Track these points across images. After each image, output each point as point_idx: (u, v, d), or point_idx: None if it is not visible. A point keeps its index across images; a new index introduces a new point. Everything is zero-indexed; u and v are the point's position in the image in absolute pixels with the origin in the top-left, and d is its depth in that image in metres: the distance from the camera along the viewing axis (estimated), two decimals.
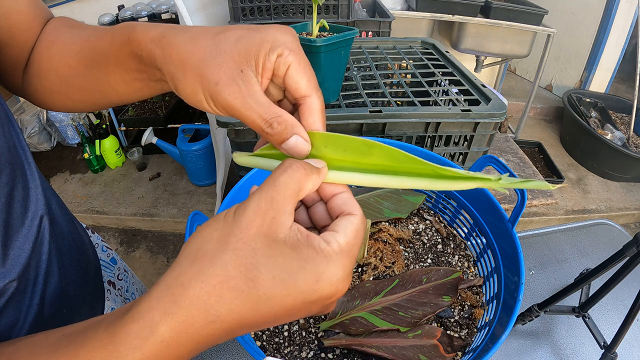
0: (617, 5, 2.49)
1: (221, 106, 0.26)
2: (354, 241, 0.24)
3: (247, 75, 0.26)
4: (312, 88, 0.27)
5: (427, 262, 0.54)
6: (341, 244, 0.23)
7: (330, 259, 0.22)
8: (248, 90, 0.26)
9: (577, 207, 2.21)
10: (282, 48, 0.26)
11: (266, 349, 0.44)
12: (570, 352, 0.66)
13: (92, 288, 0.46)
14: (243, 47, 0.26)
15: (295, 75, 0.27)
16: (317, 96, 0.28)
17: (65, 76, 0.36)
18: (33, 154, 1.72)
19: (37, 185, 0.36)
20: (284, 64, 0.27)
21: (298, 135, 0.26)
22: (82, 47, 0.35)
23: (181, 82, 0.27)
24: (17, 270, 0.32)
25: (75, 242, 0.44)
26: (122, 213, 2.14)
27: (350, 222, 0.24)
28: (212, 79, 0.26)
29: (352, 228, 0.24)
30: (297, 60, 0.27)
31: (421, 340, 0.43)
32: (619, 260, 0.55)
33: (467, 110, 0.68)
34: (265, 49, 0.26)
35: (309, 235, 0.23)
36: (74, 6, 2.40)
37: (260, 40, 0.26)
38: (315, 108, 0.28)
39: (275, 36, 0.27)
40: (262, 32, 0.27)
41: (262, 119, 0.26)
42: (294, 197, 0.24)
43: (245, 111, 0.26)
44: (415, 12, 2.06)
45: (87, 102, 0.38)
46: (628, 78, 2.92)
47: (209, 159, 2.08)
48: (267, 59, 0.26)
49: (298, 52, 0.27)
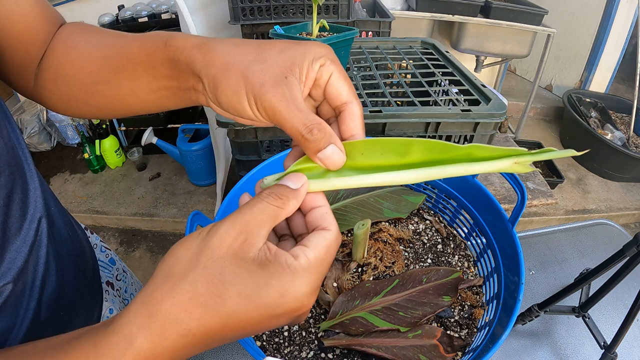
0: (617, 5, 2.49)
1: (264, 108, 0.26)
2: (324, 256, 0.25)
3: (291, 82, 0.27)
4: (353, 95, 0.29)
5: (427, 262, 0.54)
6: (309, 259, 0.24)
7: (296, 275, 0.23)
8: (292, 96, 0.26)
9: (577, 207, 2.21)
10: (324, 59, 0.28)
11: (266, 349, 0.44)
12: (570, 352, 0.66)
13: (90, 289, 0.46)
14: (287, 56, 0.27)
15: (337, 82, 0.28)
16: (357, 103, 0.29)
17: (86, 82, 0.36)
18: (33, 154, 1.73)
19: (36, 187, 0.36)
20: (327, 72, 0.28)
21: (335, 145, 0.27)
22: (106, 52, 0.35)
23: (222, 84, 0.27)
24: (13, 273, 0.32)
25: (74, 244, 0.44)
26: (122, 213, 2.14)
27: (323, 238, 0.25)
28: (257, 81, 0.26)
29: (324, 244, 0.25)
30: (338, 69, 0.28)
31: (421, 340, 0.43)
32: (619, 260, 0.55)
33: (467, 110, 0.68)
34: (308, 59, 0.27)
35: (277, 252, 0.24)
36: (74, 6, 2.40)
37: (303, 52, 0.27)
38: (356, 114, 0.28)
39: (316, 49, 0.28)
40: (304, 45, 0.28)
41: (303, 125, 0.26)
42: (268, 222, 0.24)
43: (288, 115, 0.26)
44: (415, 12, 2.06)
45: (105, 109, 0.38)
46: (628, 78, 2.92)
47: (209, 159, 2.08)
48: (311, 68, 0.27)
49: (338, 63, 0.28)
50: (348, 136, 0.29)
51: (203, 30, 1.26)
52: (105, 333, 0.22)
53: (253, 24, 1.21)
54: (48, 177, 2.42)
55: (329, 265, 0.25)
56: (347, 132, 0.29)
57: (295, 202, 0.26)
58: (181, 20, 1.18)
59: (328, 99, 0.29)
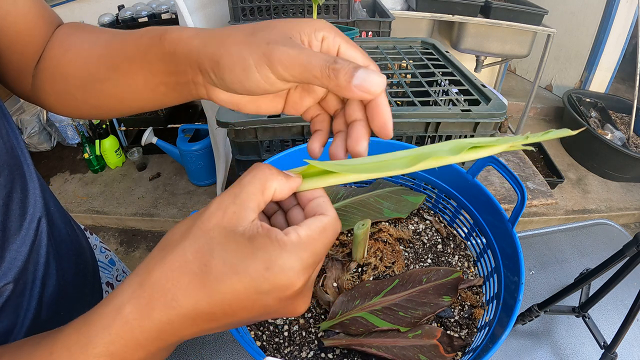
0: (617, 5, 2.49)
1: (279, 60, 0.24)
2: (318, 237, 0.24)
3: (297, 41, 0.26)
4: (368, 60, 0.27)
5: (427, 262, 0.54)
6: (301, 236, 0.23)
7: (284, 248, 0.22)
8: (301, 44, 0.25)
9: (577, 207, 2.21)
10: (327, 30, 0.27)
11: (266, 349, 0.44)
12: (570, 352, 0.66)
13: (90, 290, 0.46)
14: (286, 25, 0.27)
15: (349, 52, 0.27)
16: (374, 66, 0.27)
17: (83, 81, 0.36)
18: (33, 154, 1.73)
19: (36, 187, 0.36)
20: (334, 45, 0.27)
21: (365, 69, 0.24)
22: (103, 51, 0.35)
23: (224, 58, 0.26)
24: (14, 273, 0.32)
25: (73, 244, 0.44)
26: (122, 213, 2.14)
27: (318, 220, 0.25)
28: (262, 41, 0.25)
29: (318, 224, 0.24)
30: (344, 40, 0.27)
31: (421, 340, 0.43)
32: (619, 260, 0.55)
33: (467, 110, 0.68)
34: (309, 28, 0.27)
35: (269, 228, 0.23)
36: (74, 6, 2.40)
37: (303, 24, 0.27)
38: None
39: (317, 23, 0.27)
40: (303, 19, 0.27)
41: (325, 59, 0.24)
42: (257, 194, 0.24)
43: (306, 57, 0.24)
44: (415, 12, 2.06)
45: (104, 109, 0.38)
46: (628, 78, 2.92)
47: (209, 159, 2.08)
48: (314, 37, 0.27)
49: (343, 35, 0.27)
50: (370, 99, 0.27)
51: None
52: (99, 305, 0.23)
53: None
54: (48, 177, 2.42)
55: (324, 247, 0.24)
56: None
57: (283, 179, 0.25)
58: (181, 21, 1.18)
59: None
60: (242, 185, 0.24)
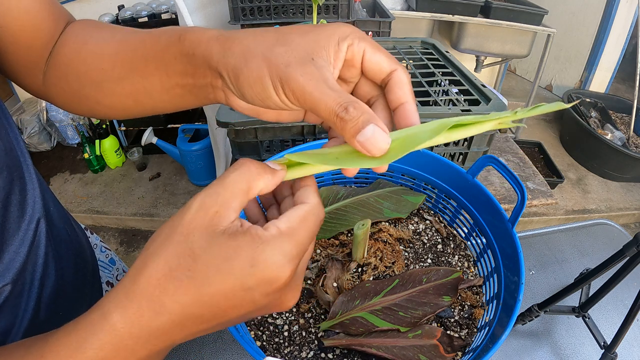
0: (617, 5, 2.49)
1: (292, 91, 0.24)
2: (298, 226, 0.24)
3: (319, 63, 0.25)
4: (395, 63, 0.27)
5: (427, 262, 0.54)
6: (281, 229, 0.23)
7: (266, 243, 0.22)
8: (321, 75, 0.24)
9: (577, 207, 2.21)
10: (351, 38, 0.26)
11: (266, 349, 0.44)
12: (570, 352, 0.66)
13: (90, 289, 0.46)
14: (311, 38, 0.26)
15: (374, 56, 0.27)
16: (402, 69, 0.27)
17: (97, 80, 0.35)
18: (33, 154, 1.73)
19: (35, 188, 0.36)
20: (358, 51, 0.26)
21: (375, 125, 0.23)
22: (118, 49, 0.34)
23: (244, 71, 0.25)
24: (12, 274, 0.32)
25: (73, 244, 0.43)
26: (122, 213, 2.14)
27: (298, 209, 0.24)
28: (281, 62, 0.25)
29: (298, 213, 0.24)
30: (369, 44, 0.27)
31: (421, 340, 0.43)
32: (619, 260, 0.55)
33: (467, 110, 0.68)
34: (334, 40, 0.26)
35: (250, 226, 0.23)
36: (74, 6, 2.40)
37: (328, 34, 0.26)
38: (404, 80, 0.27)
39: (341, 29, 0.26)
40: (327, 27, 0.27)
41: (337, 103, 0.24)
42: (240, 194, 0.24)
43: (320, 94, 0.24)
44: (415, 12, 2.06)
45: (117, 109, 0.37)
46: (628, 78, 2.92)
47: (209, 159, 2.08)
48: (339, 48, 0.26)
49: (367, 38, 0.27)
50: (397, 105, 0.27)
51: None
52: (87, 312, 0.23)
53: (253, 24, 1.21)
54: (48, 177, 2.42)
55: (307, 236, 0.24)
56: (396, 101, 0.27)
57: (270, 177, 0.25)
58: (180, 21, 1.18)
59: (370, 75, 0.28)
60: (225, 184, 0.23)
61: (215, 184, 0.24)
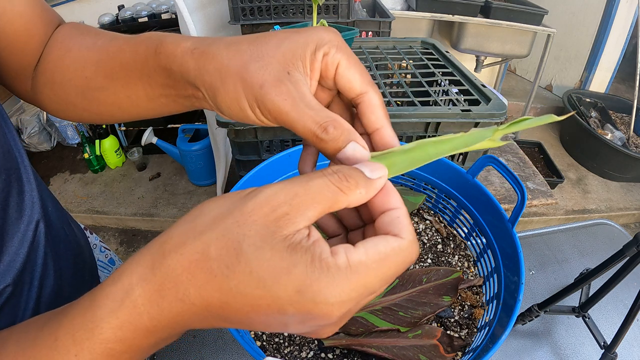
0: (617, 5, 2.49)
1: (268, 111, 0.23)
2: (375, 266, 0.19)
3: (295, 77, 0.24)
4: (368, 83, 0.25)
5: (427, 262, 0.54)
6: (351, 261, 0.19)
7: (327, 273, 0.18)
8: (298, 92, 0.23)
9: (577, 207, 2.21)
10: (328, 46, 0.24)
11: (266, 349, 0.44)
12: (570, 352, 0.66)
13: (88, 289, 0.46)
14: (287, 48, 0.24)
15: (347, 72, 0.25)
16: (374, 91, 0.25)
17: (81, 88, 0.34)
18: (33, 154, 1.73)
19: (33, 189, 0.36)
20: (332, 63, 0.24)
21: (356, 142, 0.23)
22: (100, 57, 0.33)
23: (220, 91, 0.25)
24: (12, 275, 0.32)
25: (72, 244, 0.43)
26: (122, 213, 2.14)
27: (384, 242, 0.20)
28: (256, 82, 0.23)
29: (380, 250, 0.19)
30: (345, 57, 0.25)
31: (421, 340, 0.43)
32: (619, 260, 0.55)
33: (467, 110, 0.68)
34: (310, 48, 0.24)
35: (317, 242, 0.19)
36: (74, 6, 2.40)
37: (304, 41, 0.24)
38: (375, 104, 0.25)
39: (318, 35, 0.25)
40: (304, 33, 0.25)
41: (315, 123, 0.22)
42: (322, 204, 0.20)
43: (296, 114, 0.23)
44: (415, 12, 2.06)
45: (104, 115, 0.36)
46: (628, 78, 2.92)
47: (209, 159, 2.08)
48: (315, 57, 0.24)
49: (345, 49, 0.25)
50: (373, 130, 0.25)
51: (202, 30, 1.26)
52: (105, 284, 0.20)
53: (253, 24, 1.21)
54: (48, 177, 2.42)
55: (381, 280, 0.19)
56: (370, 127, 0.25)
57: (365, 192, 0.21)
58: (181, 20, 1.18)
59: (341, 91, 0.26)
60: (308, 187, 0.20)
61: (296, 181, 0.20)
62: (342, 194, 0.20)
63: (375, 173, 0.22)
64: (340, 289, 0.18)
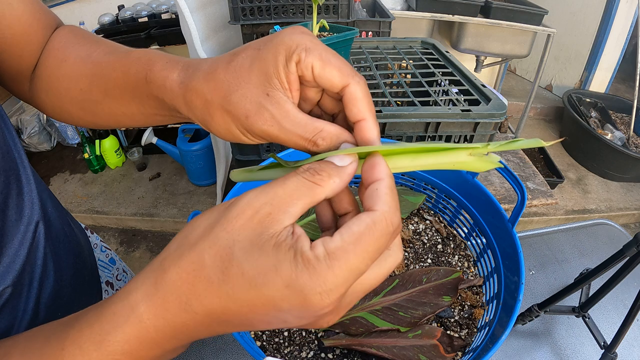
0: (617, 5, 2.49)
1: (259, 136, 0.25)
2: (352, 247, 0.20)
3: (274, 97, 0.24)
4: (347, 75, 0.24)
5: (427, 262, 0.54)
6: (329, 250, 0.19)
7: (308, 265, 0.19)
8: (281, 113, 0.24)
9: (577, 207, 2.21)
10: (298, 52, 0.24)
11: (266, 349, 0.44)
12: (570, 352, 0.66)
13: (88, 289, 0.46)
14: (259, 69, 0.24)
15: (323, 73, 0.24)
16: (355, 82, 0.24)
17: (77, 99, 0.35)
18: (33, 154, 1.72)
19: (32, 190, 0.36)
20: (306, 68, 0.24)
21: (346, 142, 0.24)
22: (94, 71, 0.34)
23: (212, 123, 0.26)
24: (12, 277, 0.32)
25: (71, 244, 0.43)
26: (122, 213, 2.14)
27: (357, 223, 0.20)
28: (240, 114, 0.24)
29: (354, 230, 0.20)
30: (317, 57, 0.24)
31: (421, 340, 0.43)
32: (619, 260, 0.55)
33: (467, 110, 0.68)
34: (281, 62, 0.24)
35: (299, 237, 0.20)
36: (74, 6, 2.40)
37: (273, 56, 0.24)
38: (357, 96, 0.24)
39: (285, 43, 0.24)
40: (270, 46, 0.24)
41: (304, 140, 0.24)
42: (302, 199, 0.21)
43: (285, 135, 0.24)
44: (415, 12, 2.06)
45: (100, 124, 0.38)
46: (628, 78, 2.92)
47: (209, 159, 2.08)
48: (288, 71, 0.24)
49: (315, 48, 0.24)
50: (355, 121, 0.25)
51: (203, 30, 1.26)
52: (111, 300, 0.22)
53: (253, 24, 1.21)
54: (48, 177, 2.42)
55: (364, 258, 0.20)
56: (353, 118, 0.25)
57: (339, 180, 0.22)
58: (181, 20, 1.18)
59: (325, 90, 0.26)
60: (285, 186, 0.21)
61: (274, 183, 0.22)
62: (318, 187, 0.21)
63: (345, 160, 0.23)
64: (323, 277, 0.19)
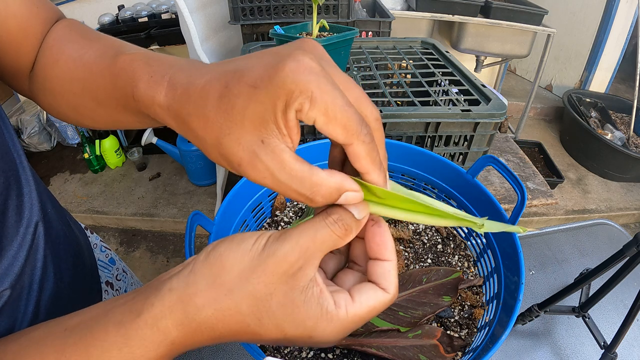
0: (617, 5, 2.49)
1: (255, 181, 0.24)
2: (365, 315, 0.24)
3: (270, 145, 0.22)
4: (352, 135, 0.22)
5: (427, 262, 0.54)
6: (349, 313, 0.24)
7: (330, 321, 0.23)
8: (275, 165, 0.22)
9: (577, 207, 2.21)
10: (300, 102, 0.21)
11: (266, 349, 0.44)
12: (570, 352, 0.66)
13: (88, 290, 0.46)
14: (254, 112, 0.21)
15: (326, 129, 0.22)
16: (360, 141, 0.22)
17: (72, 103, 0.35)
18: (33, 154, 1.72)
19: (32, 190, 0.36)
20: (308, 120, 0.21)
21: (346, 192, 0.23)
22: (85, 75, 0.32)
23: (211, 157, 0.25)
24: (11, 279, 0.32)
25: (71, 245, 0.43)
26: (122, 213, 2.14)
27: (375, 298, 0.25)
28: (234, 161, 0.23)
29: (371, 304, 0.24)
30: (323, 112, 0.21)
31: (421, 340, 0.43)
32: (619, 260, 0.55)
33: (467, 110, 0.68)
34: (280, 108, 0.21)
35: (321, 293, 0.24)
36: (74, 6, 2.40)
37: (270, 100, 0.21)
38: (360, 155, 0.23)
39: (287, 88, 0.21)
40: (270, 87, 0.21)
41: (301, 196, 0.23)
42: (325, 251, 0.24)
43: (279, 189, 0.23)
44: (415, 12, 2.06)
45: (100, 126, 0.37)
46: (628, 78, 2.92)
47: (209, 159, 2.08)
48: (287, 118, 0.21)
49: (322, 98, 0.21)
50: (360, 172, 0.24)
51: (203, 30, 1.26)
52: (137, 325, 0.23)
53: (253, 24, 1.21)
54: (48, 177, 2.42)
55: (366, 321, 0.25)
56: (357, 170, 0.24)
57: (355, 232, 0.25)
58: (181, 20, 1.18)
59: None
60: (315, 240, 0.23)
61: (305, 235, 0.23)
62: (341, 240, 0.24)
63: (362, 213, 0.25)
64: (337, 330, 0.24)
